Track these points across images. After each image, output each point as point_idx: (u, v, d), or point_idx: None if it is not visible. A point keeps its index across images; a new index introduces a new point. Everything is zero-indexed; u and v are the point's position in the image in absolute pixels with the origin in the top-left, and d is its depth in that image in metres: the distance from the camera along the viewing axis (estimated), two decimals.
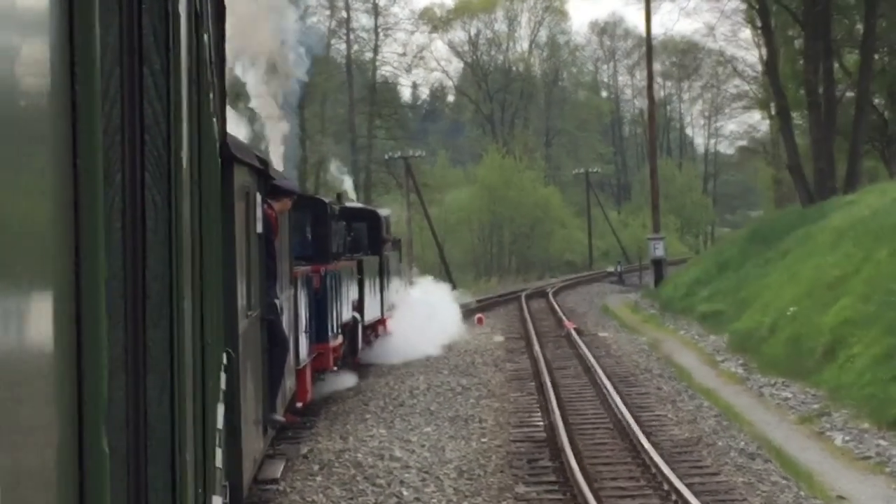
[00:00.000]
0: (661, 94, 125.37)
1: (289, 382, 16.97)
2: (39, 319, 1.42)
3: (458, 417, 22.97)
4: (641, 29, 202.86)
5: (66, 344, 1.57)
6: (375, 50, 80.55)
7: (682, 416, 22.22)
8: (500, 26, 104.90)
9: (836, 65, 53.09)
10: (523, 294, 55.92)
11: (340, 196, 30.08)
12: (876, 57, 50.70)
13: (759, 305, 38.03)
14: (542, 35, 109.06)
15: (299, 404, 19.50)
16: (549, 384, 25.64)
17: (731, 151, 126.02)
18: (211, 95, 6.27)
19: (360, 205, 33.77)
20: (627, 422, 20.71)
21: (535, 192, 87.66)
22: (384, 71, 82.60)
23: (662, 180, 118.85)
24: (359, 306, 27.19)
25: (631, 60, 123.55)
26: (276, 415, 15.25)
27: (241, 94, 31.54)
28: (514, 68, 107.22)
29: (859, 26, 52.41)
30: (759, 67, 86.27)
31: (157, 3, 2.78)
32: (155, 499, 2.69)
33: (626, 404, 22.54)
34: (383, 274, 31.50)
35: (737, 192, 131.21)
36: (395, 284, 34.63)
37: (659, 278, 56.62)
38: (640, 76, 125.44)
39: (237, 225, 11.45)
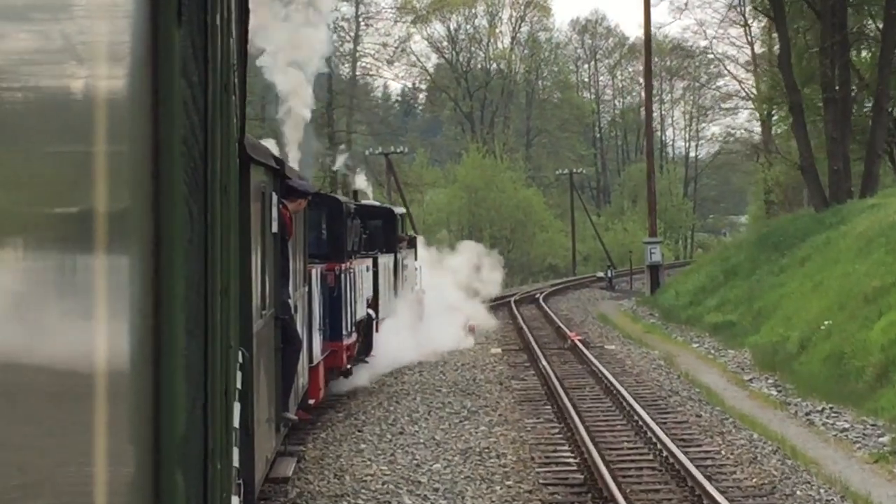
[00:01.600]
0: (643, 94, 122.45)
1: (301, 380, 17.02)
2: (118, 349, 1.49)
3: (471, 451, 19.53)
4: (623, 28, 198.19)
5: (144, 375, 1.62)
6: (356, 41, 76.82)
7: (739, 454, 18.84)
8: (481, 21, 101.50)
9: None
10: (512, 300, 52.52)
11: (356, 194, 29.94)
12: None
13: (780, 317, 34.82)
14: (524, 32, 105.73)
15: (312, 401, 19.18)
16: (570, 409, 22.23)
17: (711, 155, 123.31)
18: (233, 97, 6.24)
19: (375, 203, 33.24)
20: (679, 461, 17.30)
21: (517, 193, 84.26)
22: (364, 63, 79.08)
23: (644, 183, 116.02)
24: (373, 304, 27.07)
25: (612, 60, 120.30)
26: (288, 413, 15.24)
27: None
28: (494, 65, 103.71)
29: (869, 20, 49.31)
30: (752, 65, 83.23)
31: (195, 15, 2.78)
32: None
33: (669, 437, 19.13)
34: (398, 272, 31.46)
35: (717, 196, 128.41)
36: (409, 282, 34.33)
37: (655, 285, 53.34)
38: (621, 76, 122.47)
39: (253, 225, 11.34)
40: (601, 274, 68.96)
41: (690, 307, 44.25)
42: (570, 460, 18.46)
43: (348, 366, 23.34)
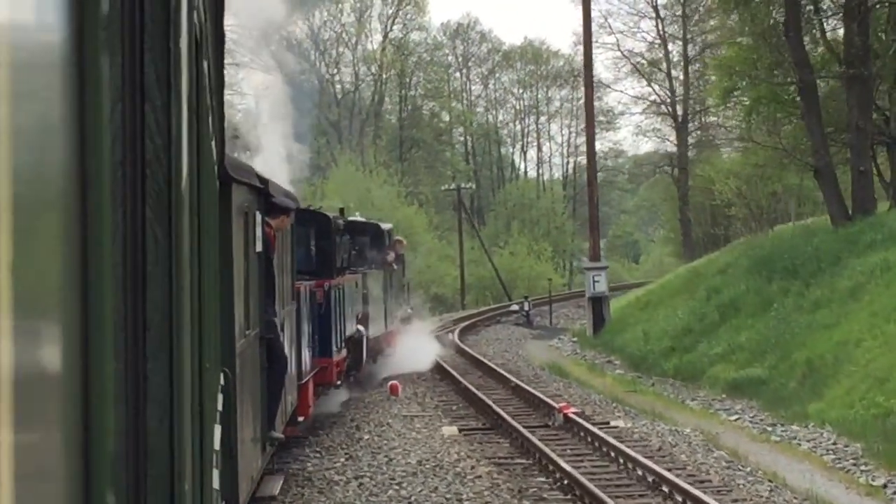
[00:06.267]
0: (519, 105, 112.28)
1: (290, 397, 16.65)
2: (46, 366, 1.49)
3: None
4: (497, 33, 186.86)
5: (73, 394, 1.61)
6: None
7: None
8: (348, 18, 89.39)
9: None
10: None
11: (343, 210, 28.88)
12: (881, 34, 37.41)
13: (857, 376, 24.35)
14: (397, 31, 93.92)
15: (301, 419, 18.49)
16: None
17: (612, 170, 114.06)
18: (210, 119, 6.21)
19: (363, 218, 32.47)
20: None
21: (395, 212, 72.89)
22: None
23: (524, 203, 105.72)
24: (363, 320, 26.98)
25: (485, 69, 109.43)
26: (275, 432, 14.71)
27: None
28: (364, 68, 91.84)
29: None
30: (665, 66, 73.36)
31: (159, 40, 2.76)
32: None
33: None
34: (387, 288, 31.34)
35: (603, 217, 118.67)
36: (398, 299, 34.25)
37: (600, 322, 42.42)
38: (495, 86, 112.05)
39: (235, 245, 11.47)
40: (515, 307, 57.81)
41: (675, 355, 33.43)
42: None
43: (338, 382, 23.29)
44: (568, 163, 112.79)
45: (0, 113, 1.34)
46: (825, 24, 39.84)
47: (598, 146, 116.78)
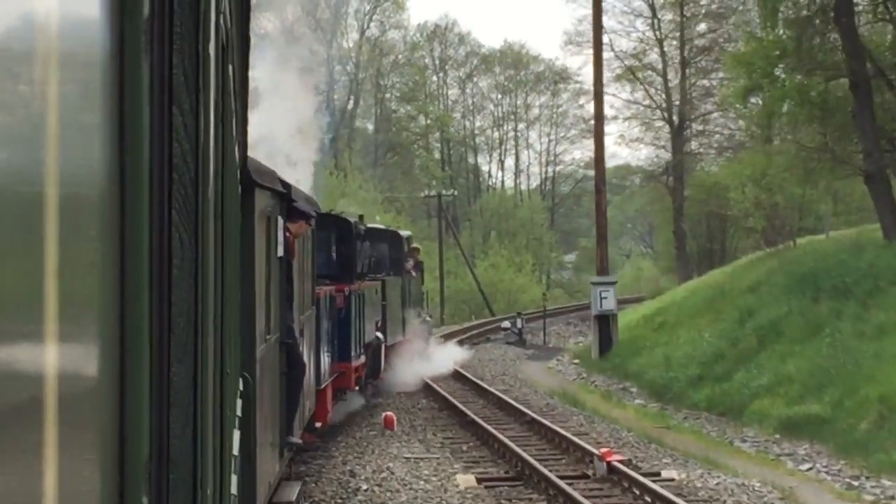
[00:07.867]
0: (498, 112, 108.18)
1: (308, 403, 16.52)
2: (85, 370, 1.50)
3: None
4: (476, 35, 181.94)
5: (109, 395, 1.62)
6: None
7: None
8: (324, 13, 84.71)
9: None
10: None
11: (362, 216, 27.52)
12: None
13: None
14: (374, 30, 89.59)
15: (318, 424, 18.45)
16: None
17: (573, 182, 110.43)
18: (234, 123, 6.24)
19: (381, 225, 33.01)
20: None
21: (372, 219, 68.63)
22: None
23: (502, 213, 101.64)
24: (382, 327, 26.60)
25: (462, 73, 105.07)
26: (292, 437, 14.76)
27: None
28: (339, 67, 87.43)
29: None
30: (661, 68, 69.44)
31: (187, 43, 2.76)
32: None
33: None
34: (406, 295, 30.96)
35: (580, 229, 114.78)
36: (416, 307, 33.68)
37: (606, 343, 38.23)
38: (472, 91, 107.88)
39: (257, 249, 11.36)
40: (507, 324, 53.57)
41: (705, 384, 29.27)
42: None
43: (356, 387, 23.05)
44: (546, 172, 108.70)
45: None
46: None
47: (577, 154, 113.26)
